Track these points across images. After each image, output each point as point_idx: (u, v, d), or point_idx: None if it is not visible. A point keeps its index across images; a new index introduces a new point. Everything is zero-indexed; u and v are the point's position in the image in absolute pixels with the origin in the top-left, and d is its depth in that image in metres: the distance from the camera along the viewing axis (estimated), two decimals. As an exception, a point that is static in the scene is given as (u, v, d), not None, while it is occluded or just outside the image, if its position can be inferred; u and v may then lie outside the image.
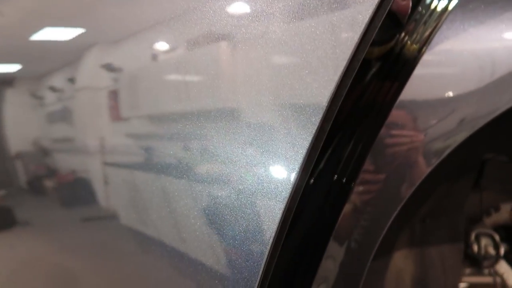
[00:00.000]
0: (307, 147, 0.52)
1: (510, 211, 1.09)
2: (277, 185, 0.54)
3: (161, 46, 0.73)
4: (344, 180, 0.58)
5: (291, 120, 0.54)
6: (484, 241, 1.08)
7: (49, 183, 0.81)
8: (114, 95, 0.71)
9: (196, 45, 0.67)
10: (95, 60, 0.74)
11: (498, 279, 1.03)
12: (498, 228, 1.10)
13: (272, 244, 0.51)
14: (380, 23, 0.51)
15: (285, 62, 0.57)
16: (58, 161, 0.79)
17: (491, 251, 1.07)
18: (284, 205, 0.51)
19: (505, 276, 1.02)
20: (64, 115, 0.77)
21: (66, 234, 0.76)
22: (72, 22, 0.79)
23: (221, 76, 0.62)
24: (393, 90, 0.56)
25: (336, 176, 0.58)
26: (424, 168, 0.56)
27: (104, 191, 0.67)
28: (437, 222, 0.95)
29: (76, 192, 0.70)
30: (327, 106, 0.50)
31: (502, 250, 1.06)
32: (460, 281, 1.05)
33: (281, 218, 0.52)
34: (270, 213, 0.53)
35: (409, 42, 0.58)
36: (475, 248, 1.08)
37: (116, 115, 0.70)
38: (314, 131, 0.51)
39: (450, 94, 0.56)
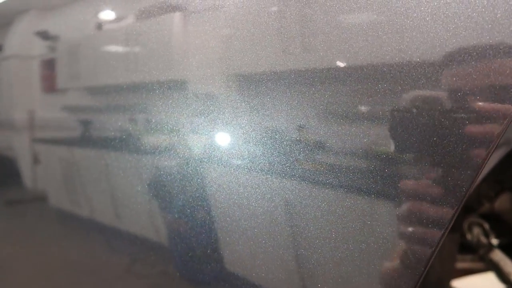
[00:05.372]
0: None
1: (492, 201, 1.08)
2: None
3: (108, 15, 0.65)
4: None
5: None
6: (476, 230, 1.06)
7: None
8: (48, 64, 0.62)
9: (146, 15, 0.61)
10: (28, 26, 0.65)
11: (494, 267, 0.97)
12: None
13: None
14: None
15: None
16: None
17: (483, 239, 1.05)
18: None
19: (501, 264, 0.96)
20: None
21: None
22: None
23: (172, 47, 0.58)
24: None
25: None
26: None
27: (32, 170, 0.57)
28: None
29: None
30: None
31: (492, 238, 1.04)
32: (455, 269, 1.02)
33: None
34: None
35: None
36: (469, 236, 1.06)
37: (50, 85, 0.60)
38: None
39: None
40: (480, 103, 0.39)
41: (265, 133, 0.47)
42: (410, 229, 0.40)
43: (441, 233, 0.41)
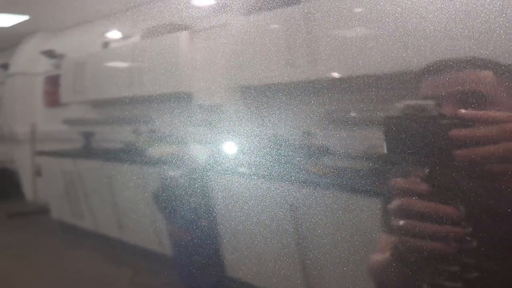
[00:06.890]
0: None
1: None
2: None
3: (116, 34, 0.68)
4: None
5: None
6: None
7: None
8: (53, 80, 0.63)
9: (152, 34, 0.64)
10: (35, 46, 0.66)
11: None
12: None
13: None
14: None
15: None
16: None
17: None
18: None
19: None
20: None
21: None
22: (16, 8, 0.73)
23: (178, 64, 0.59)
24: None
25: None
26: None
27: (34, 183, 0.56)
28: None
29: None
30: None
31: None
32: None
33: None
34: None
35: None
36: None
37: (53, 100, 0.61)
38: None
39: None
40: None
41: (271, 140, 0.47)
42: (401, 223, 0.39)
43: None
